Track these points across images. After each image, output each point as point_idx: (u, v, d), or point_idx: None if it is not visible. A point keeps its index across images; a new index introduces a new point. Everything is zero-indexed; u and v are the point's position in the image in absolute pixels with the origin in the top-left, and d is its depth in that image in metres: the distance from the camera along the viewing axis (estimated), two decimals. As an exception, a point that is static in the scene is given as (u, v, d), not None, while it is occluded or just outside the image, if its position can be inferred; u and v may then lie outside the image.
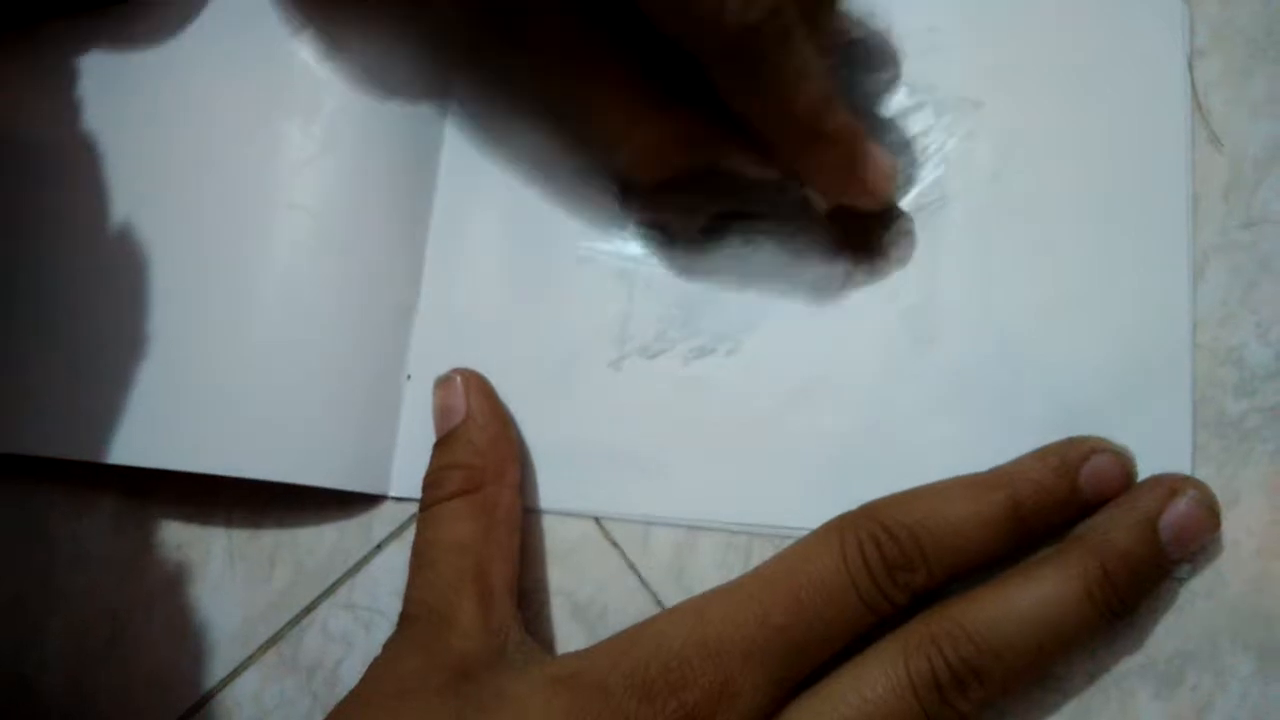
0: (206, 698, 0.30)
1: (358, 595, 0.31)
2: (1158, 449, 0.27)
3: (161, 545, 0.32)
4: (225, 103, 0.32)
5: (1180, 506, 0.25)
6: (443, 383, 0.30)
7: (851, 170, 0.27)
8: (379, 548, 0.31)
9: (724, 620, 0.24)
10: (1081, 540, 0.25)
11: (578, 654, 0.25)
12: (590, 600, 0.29)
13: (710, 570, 0.29)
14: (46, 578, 0.32)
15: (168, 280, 0.31)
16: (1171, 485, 0.26)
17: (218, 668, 0.30)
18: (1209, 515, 0.25)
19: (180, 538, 0.32)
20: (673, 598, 0.29)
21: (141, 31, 0.33)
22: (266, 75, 0.32)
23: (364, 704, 0.25)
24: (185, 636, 0.31)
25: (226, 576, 0.31)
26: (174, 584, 0.31)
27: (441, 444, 0.29)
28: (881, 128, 0.30)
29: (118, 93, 0.33)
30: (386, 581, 0.30)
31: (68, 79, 0.33)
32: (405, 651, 0.26)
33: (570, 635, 0.29)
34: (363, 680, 0.26)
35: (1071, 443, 0.27)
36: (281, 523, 0.31)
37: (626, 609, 0.29)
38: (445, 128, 0.33)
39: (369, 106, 0.32)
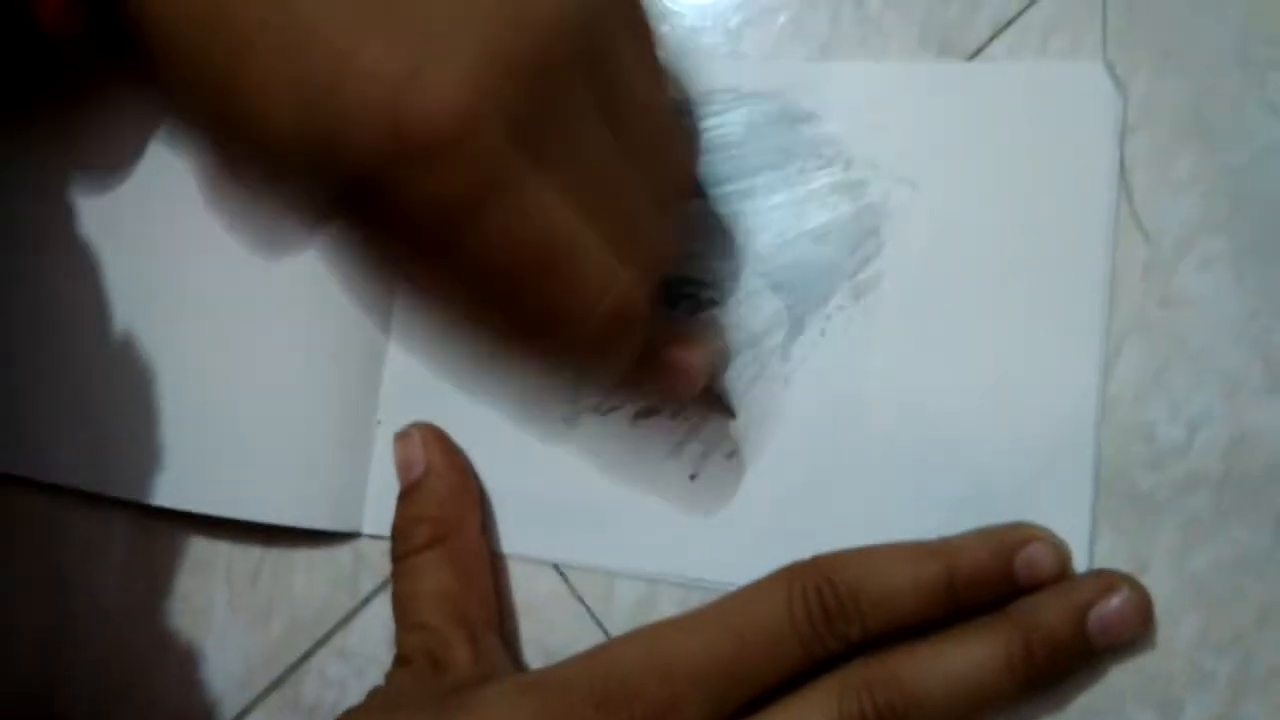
0: (219, 737, 0.34)
1: (351, 643, 0.34)
2: (1059, 523, 0.29)
3: (168, 595, 0.35)
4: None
5: (1113, 602, 0.27)
6: (402, 438, 0.33)
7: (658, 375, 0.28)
8: (366, 600, 0.34)
9: (676, 646, 0.28)
10: (1013, 615, 0.28)
11: (545, 668, 0.29)
12: (561, 648, 0.32)
13: (667, 624, 0.31)
14: (69, 622, 0.35)
15: (158, 334, 0.34)
16: (1109, 581, 0.28)
17: (226, 710, 0.34)
18: (1139, 617, 0.28)
19: (184, 588, 0.35)
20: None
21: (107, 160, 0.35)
22: None
23: (358, 713, 0.28)
24: (196, 680, 0.34)
25: (229, 625, 0.34)
26: (181, 632, 0.34)
27: (405, 497, 0.32)
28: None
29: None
30: (375, 630, 0.33)
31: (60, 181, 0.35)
32: (403, 681, 0.29)
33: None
34: (361, 702, 0.29)
35: (1014, 527, 0.29)
36: (275, 574, 0.34)
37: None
38: None
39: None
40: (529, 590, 0.33)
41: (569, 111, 0.23)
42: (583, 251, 0.24)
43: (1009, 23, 0.31)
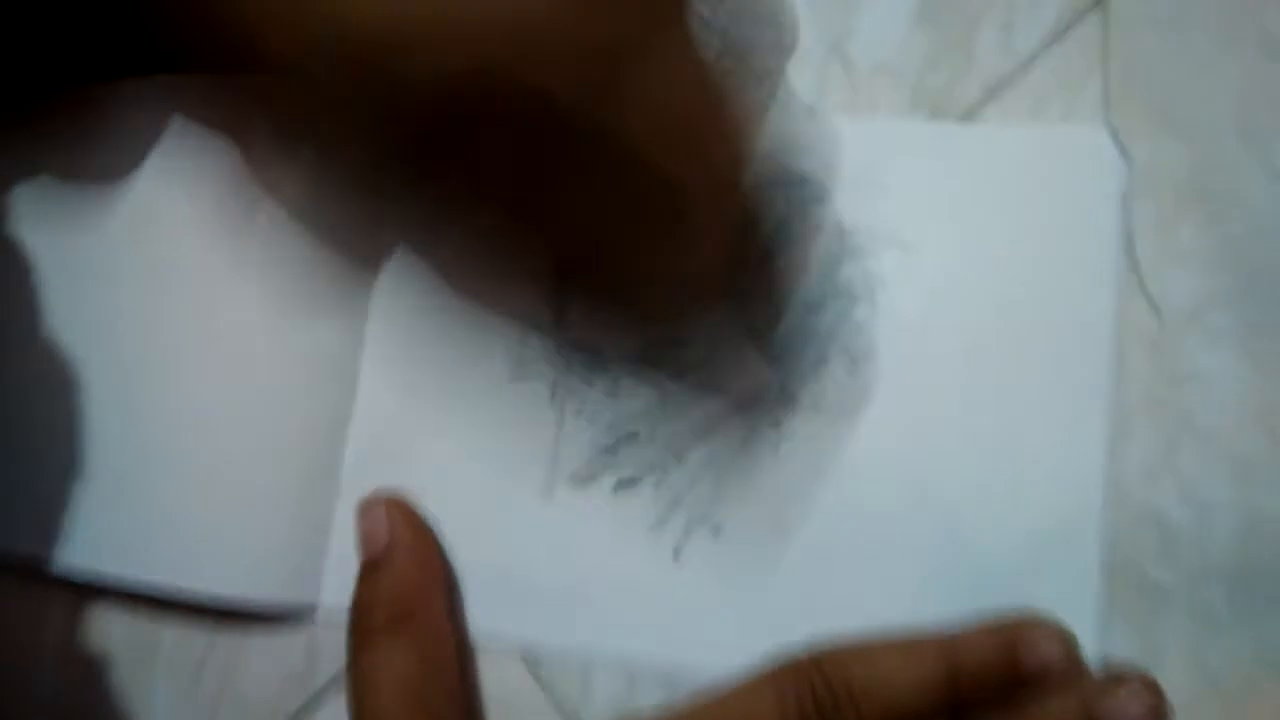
0: None
1: (301, 744, 0.31)
2: (1064, 609, 0.27)
3: (106, 688, 0.32)
4: (167, 229, 0.32)
5: (1124, 704, 0.25)
6: (365, 509, 0.30)
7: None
8: (319, 695, 0.31)
9: None
10: (1018, 714, 0.26)
11: None
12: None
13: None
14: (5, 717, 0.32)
15: (105, 393, 0.31)
16: (1121, 679, 0.26)
17: (166, 816, 0.31)
18: (1154, 717, 0.26)
19: (122, 680, 0.32)
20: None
21: (86, 166, 0.33)
22: (206, 206, 0.32)
23: None
24: (132, 788, 0.31)
25: (170, 723, 0.31)
26: (118, 732, 0.32)
27: (366, 574, 0.29)
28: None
29: (60, 230, 0.32)
30: (329, 730, 0.31)
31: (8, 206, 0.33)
32: None
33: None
34: None
35: (1018, 618, 0.27)
36: (223, 667, 0.31)
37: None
38: (380, 263, 0.33)
39: (304, 238, 0.32)
40: (497, 685, 0.30)
41: None
42: (730, 105, 0.24)
43: (1002, 85, 0.30)
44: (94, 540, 0.31)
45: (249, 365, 0.31)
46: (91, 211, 0.33)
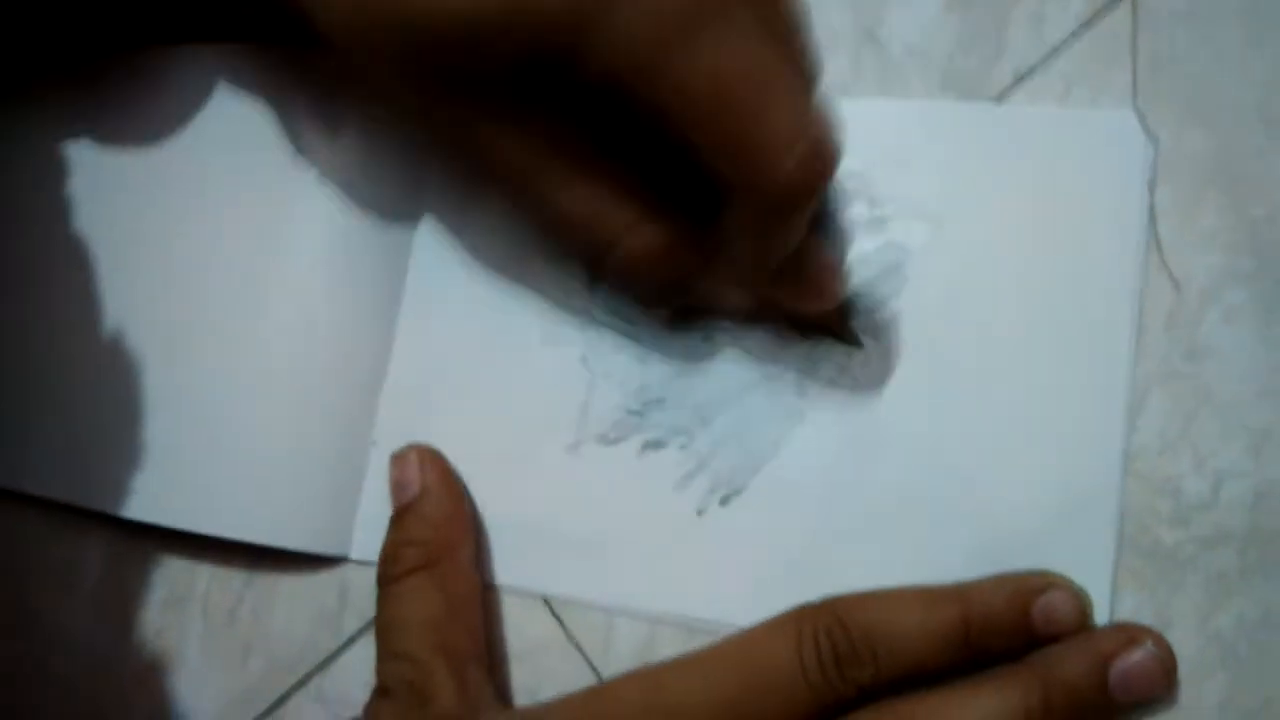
0: (183, 784, 0.32)
1: (328, 687, 0.32)
2: (1079, 575, 0.28)
3: (141, 628, 0.33)
4: (214, 199, 0.33)
5: (1135, 655, 0.26)
6: (398, 458, 0.31)
7: (801, 278, 0.28)
8: (350, 641, 0.32)
9: (678, 689, 0.26)
10: (1032, 665, 0.27)
11: (537, 706, 0.28)
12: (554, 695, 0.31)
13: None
14: (36, 654, 0.33)
15: (155, 352, 0.33)
16: (1132, 634, 0.27)
17: (194, 756, 0.32)
18: (1163, 672, 0.26)
19: (158, 623, 0.33)
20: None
21: (134, 130, 0.34)
22: (252, 171, 0.33)
23: None
24: (166, 721, 0.32)
25: (204, 664, 0.32)
26: (153, 669, 0.33)
27: (397, 519, 0.31)
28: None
29: (109, 189, 0.34)
30: (356, 674, 0.32)
31: (58, 172, 0.34)
32: (382, 713, 0.28)
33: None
34: None
35: (1032, 574, 0.28)
36: (255, 612, 0.32)
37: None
38: (418, 226, 0.34)
39: (344, 203, 0.33)
40: (522, 634, 0.31)
41: None
42: (787, 84, 0.24)
43: (1031, 70, 0.31)
44: (141, 487, 0.32)
45: (290, 327, 0.32)
46: (141, 173, 0.34)
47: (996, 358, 0.29)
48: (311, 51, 0.32)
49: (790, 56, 0.25)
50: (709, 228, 0.27)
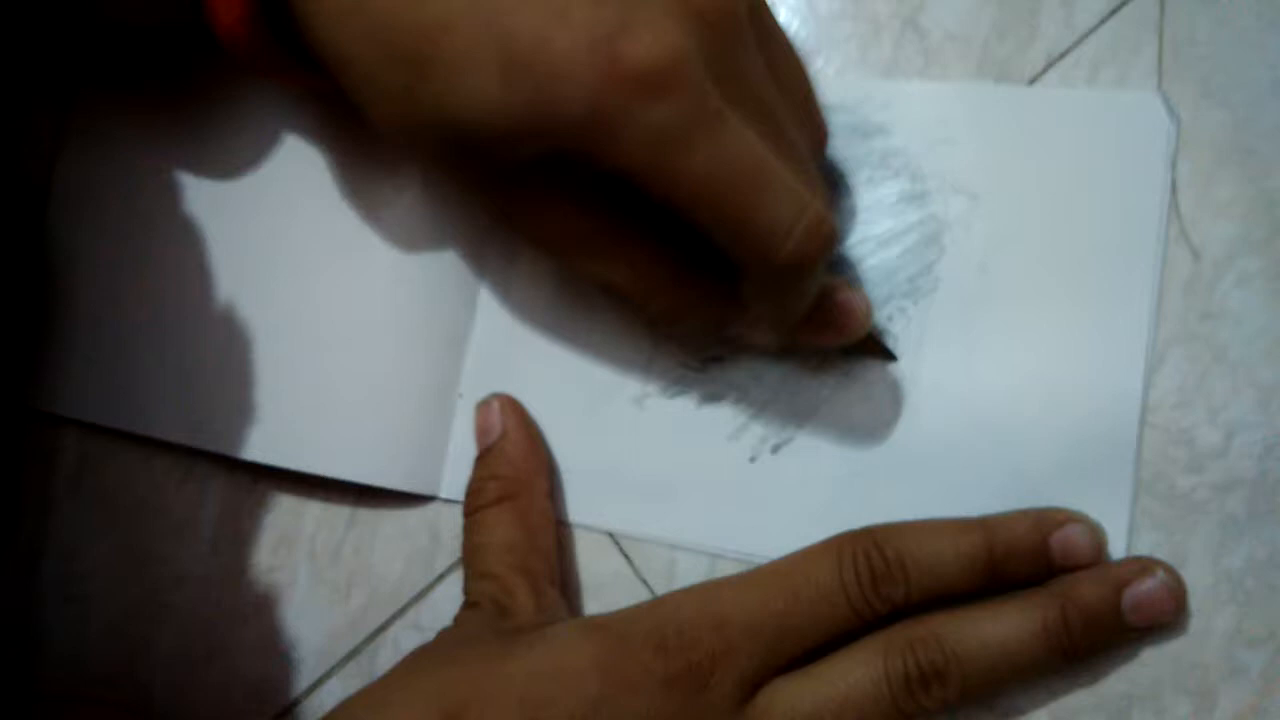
0: (294, 703, 0.36)
1: (424, 617, 0.35)
2: (1100, 518, 0.31)
3: (254, 568, 0.37)
4: (316, 182, 0.36)
5: (1148, 583, 0.29)
6: (482, 405, 0.35)
7: (825, 321, 0.31)
8: (441, 577, 0.36)
9: (733, 601, 0.30)
10: (1050, 587, 0.30)
11: (606, 614, 0.31)
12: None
13: (726, 607, 0.33)
14: (153, 594, 0.37)
15: (259, 302, 0.36)
16: (1146, 564, 0.30)
17: (304, 678, 0.36)
18: (1173, 599, 0.29)
19: (270, 562, 0.37)
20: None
21: (219, 164, 0.37)
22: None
23: (430, 649, 0.31)
24: (275, 650, 0.36)
25: (310, 598, 0.36)
26: (265, 603, 0.36)
27: (481, 458, 0.34)
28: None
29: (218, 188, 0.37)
30: (448, 606, 0.35)
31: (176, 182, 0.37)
32: (471, 621, 0.31)
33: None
34: (432, 641, 0.31)
35: (1053, 509, 0.31)
36: (357, 551, 0.36)
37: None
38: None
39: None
40: (593, 570, 0.35)
41: (746, 52, 0.26)
42: (779, 175, 0.26)
43: (1063, 54, 0.34)
44: (256, 433, 0.36)
45: (386, 294, 0.36)
46: (241, 188, 0.37)
47: (1027, 319, 0.32)
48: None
49: (785, 143, 0.27)
50: (735, 284, 0.30)
